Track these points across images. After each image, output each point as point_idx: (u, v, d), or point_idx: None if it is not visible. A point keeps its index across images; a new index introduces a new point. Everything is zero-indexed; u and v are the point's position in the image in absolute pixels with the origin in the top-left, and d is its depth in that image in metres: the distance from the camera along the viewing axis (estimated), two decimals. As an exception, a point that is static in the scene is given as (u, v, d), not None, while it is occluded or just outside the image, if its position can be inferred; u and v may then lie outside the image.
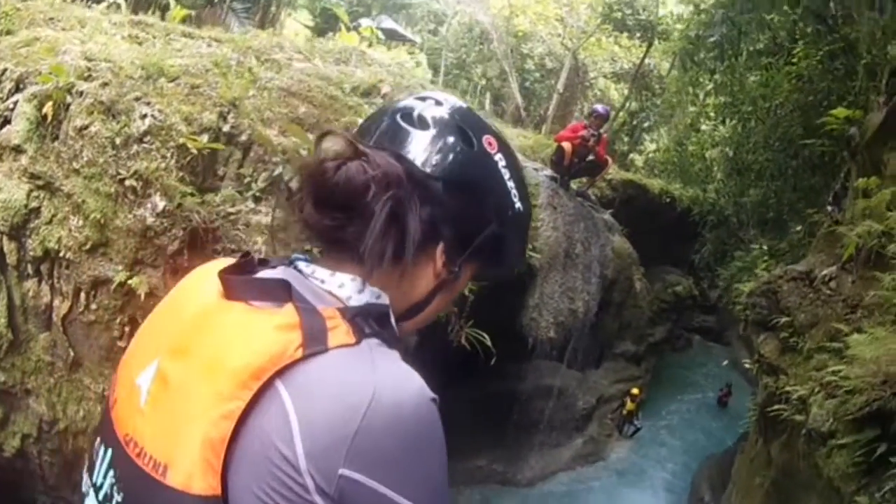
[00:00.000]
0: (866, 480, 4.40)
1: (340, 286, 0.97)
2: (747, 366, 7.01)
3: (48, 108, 5.32)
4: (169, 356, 0.92)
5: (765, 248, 11.28)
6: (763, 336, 6.63)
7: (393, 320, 0.99)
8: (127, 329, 5.33)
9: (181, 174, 5.30)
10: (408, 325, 1.07)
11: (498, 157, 1.07)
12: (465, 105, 1.10)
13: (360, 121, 1.30)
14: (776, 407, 5.78)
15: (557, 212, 9.54)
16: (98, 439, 0.99)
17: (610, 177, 12.58)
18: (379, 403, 0.81)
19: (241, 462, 0.82)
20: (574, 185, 10.64)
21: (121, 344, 5.32)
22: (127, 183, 5.20)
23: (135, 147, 5.28)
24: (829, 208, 7.16)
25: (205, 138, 5.39)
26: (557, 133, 11.26)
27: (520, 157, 10.62)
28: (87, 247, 5.27)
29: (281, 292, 0.91)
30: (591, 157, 10.21)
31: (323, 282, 0.98)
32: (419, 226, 0.96)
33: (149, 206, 5.19)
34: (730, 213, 13.09)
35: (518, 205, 1.08)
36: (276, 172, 5.48)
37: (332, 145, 0.99)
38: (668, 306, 15.23)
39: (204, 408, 0.83)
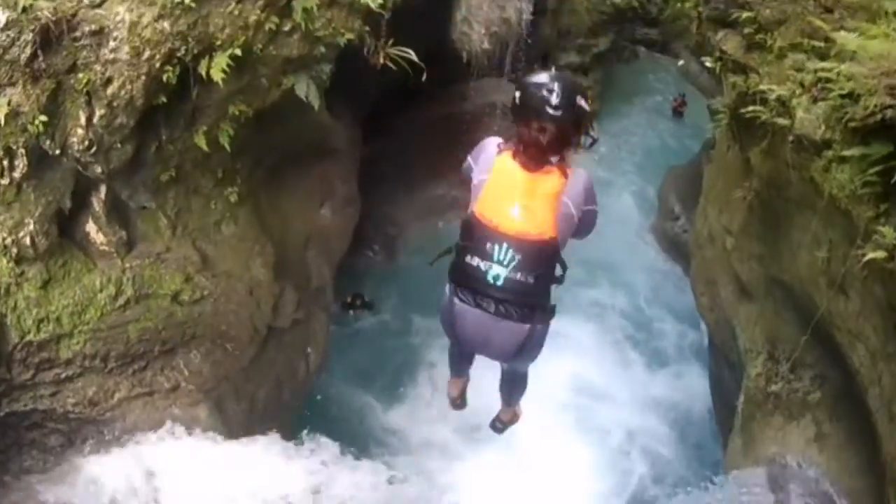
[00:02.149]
0: (886, 206, 3.81)
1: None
2: (708, 64, 6.48)
3: None
4: (527, 197, 2.61)
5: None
6: (722, 33, 5.92)
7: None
8: (5, 163, 5.19)
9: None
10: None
11: (587, 102, 2.62)
12: (566, 80, 2.69)
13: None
14: (751, 108, 5.13)
15: (474, -86, 8.86)
16: (487, 245, 2.65)
17: None
18: (587, 184, 2.77)
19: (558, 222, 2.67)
20: None
21: (3, 182, 5.21)
22: (-30, 10, 4.90)
23: (-25, -31, 5.01)
24: None
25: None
26: None
27: None
28: (-57, 96, 5.03)
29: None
30: None
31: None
32: (574, 141, 2.74)
33: (-7, 24, 4.90)
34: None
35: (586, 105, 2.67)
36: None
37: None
38: (608, 18, 14.80)
39: (549, 209, 2.62)
